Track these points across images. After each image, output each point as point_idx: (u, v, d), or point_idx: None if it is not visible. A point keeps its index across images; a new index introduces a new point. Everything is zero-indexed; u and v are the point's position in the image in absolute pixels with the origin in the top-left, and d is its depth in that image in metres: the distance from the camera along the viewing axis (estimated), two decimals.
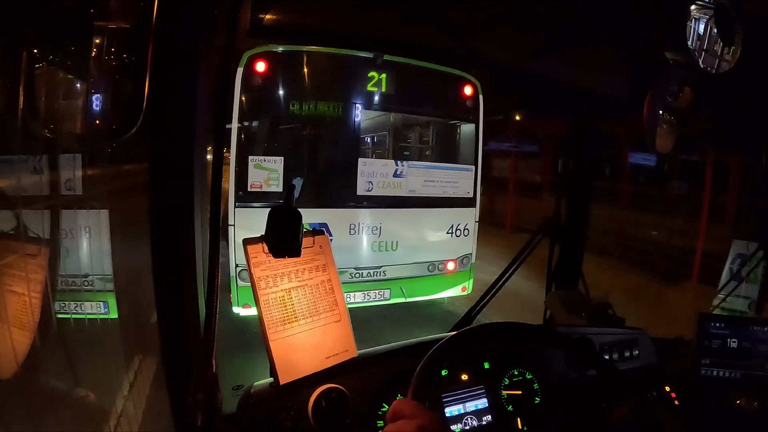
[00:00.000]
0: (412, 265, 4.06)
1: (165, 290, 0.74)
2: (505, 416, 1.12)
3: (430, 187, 4.03)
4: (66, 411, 0.90)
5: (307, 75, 3.54)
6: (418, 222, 4.06)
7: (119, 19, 0.75)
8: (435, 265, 4.13)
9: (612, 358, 1.27)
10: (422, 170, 3.99)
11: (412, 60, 3.64)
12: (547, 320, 1.62)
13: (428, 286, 4.20)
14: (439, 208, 4.09)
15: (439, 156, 4.34)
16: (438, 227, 4.13)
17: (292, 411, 0.92)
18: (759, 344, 1.25)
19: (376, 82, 3.66)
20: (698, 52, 0.95)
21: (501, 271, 1.48)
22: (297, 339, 0.95)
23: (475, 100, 4.13)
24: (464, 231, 4.21)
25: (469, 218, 4.21)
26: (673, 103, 1.08)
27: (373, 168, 3.80)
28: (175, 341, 0.76)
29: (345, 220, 3.76)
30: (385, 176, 3.84)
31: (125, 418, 1.05)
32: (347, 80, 3.66)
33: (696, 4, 0.94)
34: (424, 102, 4.04)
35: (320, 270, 1.01)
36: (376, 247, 3.99)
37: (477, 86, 4.11)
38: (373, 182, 3.81)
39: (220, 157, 0.80)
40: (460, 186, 4.15)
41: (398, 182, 3.89)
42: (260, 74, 3.31)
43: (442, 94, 4.09)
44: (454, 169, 4.17)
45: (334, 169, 3.75)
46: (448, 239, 4.14)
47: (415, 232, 4.07)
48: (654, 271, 6.75)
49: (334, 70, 3.67)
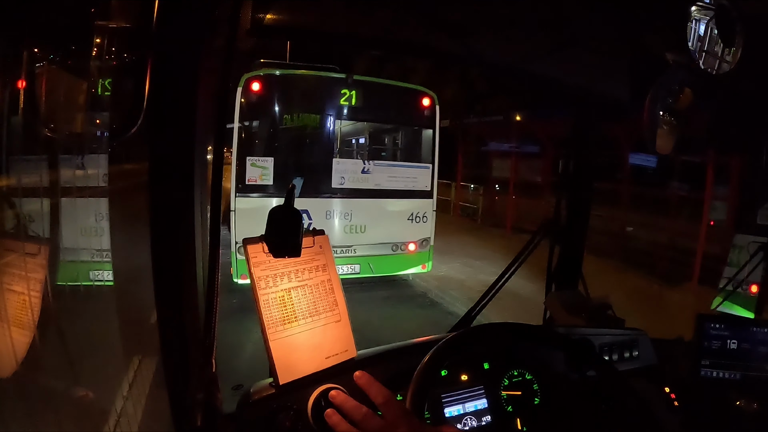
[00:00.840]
0: (379, 245, 5.10)
1: (165, 290, 0.74)
2: (505, 417, 1.12)
3: (393, 181, 5.11)
4: (65, 410, 0.90)
5: (292, 93, 4.70)
6: (383, 210, 5.10)
7: (120, 18, 0.75)
8: (398, 246, 5.20)
9: (612, 359, 1.27)
10: (386, 168, 5.10)
11: (377, 79, 5.10)
12: (547, 321, 1.62)
13: (393, 263, 5.25)
14: (401, 199, 5.16)
15: (401, 156, 5.48)
16: (400, 214, 5.18)
17: (291, 411, 0.92)
18: (759, 345, 1.25)
19: (348, 97, 4.76)
20: (699, 53, 0.95)
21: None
22: (297, 339, 0.95)
23: (432, 110, 5.19)
24: (423, 218, 5.29)
25: (427, 207, 5.30)
26: (673, 104, 1.08)
27: (345, 166, 4.91)
28: (175, 341, 0.76)
29: (322, 207, 4.79)
30: (355, 173, 4.94)
31: (125, 418, 1.05)
32: (324, 96, 4.77)
33: (696, 5, 0.94)
34: (388, 112, 5.19)
35: (320, 270, 1.01)
36: (348, 229, 4.97)
37: (434, 98, 5.19)
38: (345, 177, 4.89)
39: (220, 156, 0.80)
40: (419, 181, 5.24)
41: (366, 177, 4.97)
42: (255, 93, 4.43)
43: (404, 106, 5.19)
44: (414, 167, 5.26)
45: (314, 166, 4.81)
46: (409, 225, 5.21)
47: (381, 218, 5.09)
48: (655, 272, 6.78)
49: (314, 88, 4.81)
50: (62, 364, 0.94)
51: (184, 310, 0.76)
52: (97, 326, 1.12)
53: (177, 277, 0.75)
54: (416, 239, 5.23)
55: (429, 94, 5.20)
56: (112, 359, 1.12)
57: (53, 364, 0.92)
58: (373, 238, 5.06)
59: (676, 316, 4.13)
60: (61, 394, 0.93)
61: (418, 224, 5.22)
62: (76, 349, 0.94)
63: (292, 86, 4.79)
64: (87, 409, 0.97)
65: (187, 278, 0.75)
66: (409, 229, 5.19)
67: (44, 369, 0.90)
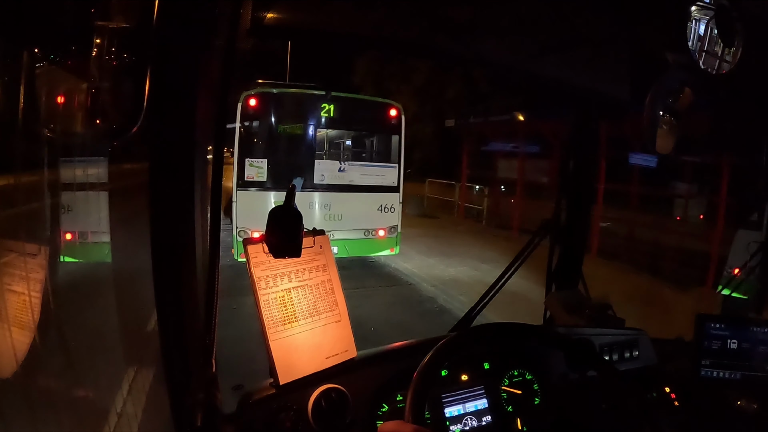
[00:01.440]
0: (353, 230, 6.07)
1: (165, 290, 0.74)
2: (505, 417, 1.12)
3: (365, 178, 6.12)
4: (65, 410, 0.90)
5: (281, 107, 5.87)
6: (356, 202, 6.09)
7: (120, 18, 0.75)
8: (369, 232, 6.16)
9: (612, 359, 1.27)
10: (359, 167, 6.13)
11: (351, 94, 6.44)
12: (547, 321, 1.62)
13: (366, 246, 6.23)
14: (372, 193, 6.17)
15: (372, 158, 6.55)
16: (371, 205, 6.16)
17: (291, 411, 0.92)
18: (759, 345, 1.25)
19: (327, 110, 5.85)
20: (699, 53, 0.95)
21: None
22: (297, 339, 0.95)
23: (398, 119, 6.22)
24: (391, 209, 6.26)
25: (394, 200, 6.28)
26: (673, 103, 1.08)
27: (324, 166, 5.98)
28: (175, 341, 0.76)
29: (306, 199, 5.74)
30: (333, 171, 5.98)
31: (125, 418, 1.05)
32: (308, 109, 5.87)
33: (696, 5, 0.94)
34: (361, 121, 6.32)
35: (320, 270, 1.01)
36: (327, 217, 5.95)
37: (400, 109, 6.27)
38: (324, 175, 5.95)
39: (220, 156, 0.80)
40: (387, 178, 6.23)
41: (342, 175, 6.00)
42: (251, 107, 5.56)
43: (374, 116, 6.26)
44: (383, 167, 6.28)
45: (299, 166, 5.85)
46: (379, 214, 6.19)
47: (355, 208, 6.08)
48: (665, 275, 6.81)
49: (300, 103, 5.96)
50: (62, 364, 0.94)
51: (184, 311, 0.76)
52: (98, 326, 1.12)
53: (177, 277, 0.75)
54: (385, 226, 6.24)
55: (396, 106, 6.30)
56: (112, 359, 1.12)
57: (53, 364, 0.92)
58: (349, 225, 6.02)
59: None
60: (61, 394, 0.93)
61: (387, 214, 6.23)
62: (76, 350, 0.94)
63: (281, 101, 5.95)
64: (87, 409, 0.97)
65: (187, 278, 0.75)
66: (379, 218, 6.18)
67: (44, 369, 0.90)
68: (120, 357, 1.15)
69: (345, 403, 0.96)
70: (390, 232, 6.23)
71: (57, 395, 0.91)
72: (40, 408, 0.84)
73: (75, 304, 1.08)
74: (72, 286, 1.12)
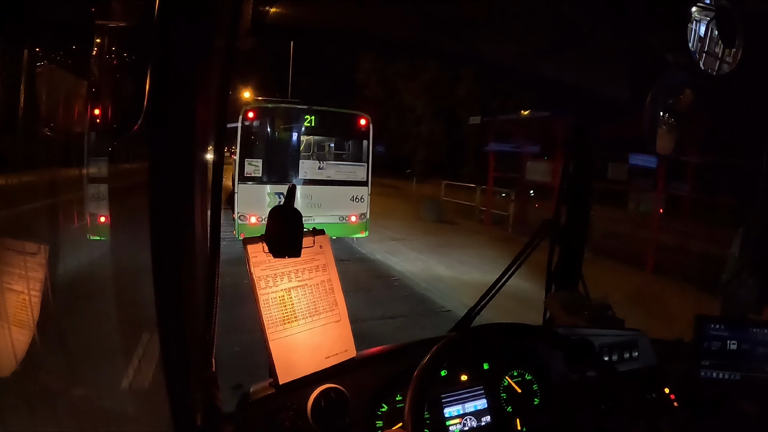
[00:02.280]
0: (330, 216, 7.49)
1: (164, 289, 0.74)
2: (505, 417, 1.12)
3: (340, 174, 7.67)
4: (65, 410, 0.90)
5: (273, 118, 7.51)
6: (333, 193, 7.61)
7: (120, 17, 0.75)
8: (344, 217, 7.67)
9: (611, 360, 1.27)
10: (335, 165, 7.69)
11: (328, 108, 8.04)
12: (547, 321, 1.62)
13: (341, 229, 7.68)
14: (346, 186, 7.69)
15: (346, 158, 7.90)
16: (345, 196, 7.68)
17: (291, 411, 0.92)
18: (759, 346, 1.25)
19: (309, 120, 7.51)
20: (699, 54, 0.95)
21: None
22: (296, 339, 0.95)
23: (367, 127, 7.80)
24: (361, 199, 7.75)
25: (364, 192, 7.79)
26: (674, 104, 1.08)
27: (307, 164, 7.53)
28: (175, 340, 0.76)
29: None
30: (314, 169, 7.55)
31: (125, 418, 1.04)
32: (294, 120, 7.56)
33: (697, 6, 0.94)
34: (336, 129, 7.87)
35: (320, 270, 1.01)
36: (309, 205, 7.29)
37: (368, 119, 7.84)
38: (307, 171, 7.50)
39: (220, 156, 0.80)
40: (357, 174, 7.78)
41: (321, 172, 7.57)
42: (250, 118, 7.16)
43: (347, 125, 7.88)
44: (354, 165, 7.81)
45: (287, 165, 7.46)
46: (351, 203, 7.72)
47: (332, 198, 7.59)
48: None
49: (288, 115, 7.69)
50: (62, 363, 0.94)
51: (184, 310, 0.76)
52: (97, 326, 1.12)
53: (177, 276, 0.75)
54: (357, 213, 7.74)
55: (365, 116, 7.85)
56: (111, 358, 1.12)
57: (53, 363, 0.92)
58: (327, 212, 7.46)
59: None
60: (60, 394, 0.93)
61: (358, 203, 7.74)
62: (75, 349, 0.94)
63: (273, 114, 7.66)
64: (87, 409, 0.97)
65: (187, 278, 0.75)
66: (351, 206, 7.69)
67: (44, 368, 0.90)
68: (119, 356, 1.15)
69: (344, 402, 0.96)
70: (360, 218, 7.79)
71: (56, 394, 0.91)
72: (39, 407, 0.84)
73: (74, 303, 1.08)
74: (72, 286, 1.12)
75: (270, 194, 7.12)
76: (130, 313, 1.09)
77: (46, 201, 1.01)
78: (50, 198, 1.02)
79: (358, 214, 7.73)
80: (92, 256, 1.24)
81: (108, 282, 1.14)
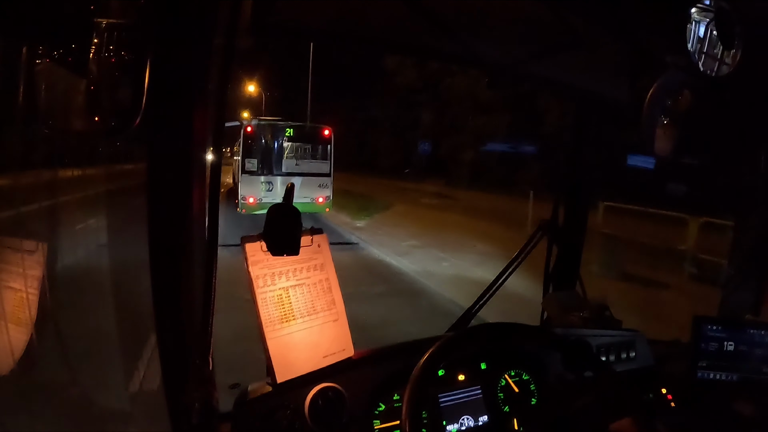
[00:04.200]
0: (304, 197, 10.18)
1: (162, 288, 0.74)
2: (502, 417, 1.12)
3: (311, 168, 10.63)
4: (64, 409, 0.90)
5: (266, 131, 10.56)
6: (306, 182, 10.39)
7: (120, 15, 0.75)
8: (313, 199, 10.52)
9: (608, 360, 1.27)
10: (307, 162, 10.64)
11: (303, 123, 11.93)
12: (544, 321, 1.62)
13: (311, 207, 10.41)
14: (315, 177, 10.59)
15: (315, 157, 10.72)
16: (314, 184, 10.58)
17: (288, 410, 0.92)
18: (756, 347, 1.25)
19: (290, 132, 10.58)
20: (698, 55, 0.95)
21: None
22: (294, 338, 0.95)
23: (330, 136, 10.79)
24: (326, 186, 10.73)
25: (327, 181, 10.75)
26: (672, 106, 1.08)
27: (289, 162, 10.48)
28: (172, 339, 0.76)
29: (277, 180, 10.23)
30: (293, 164, 10.50)
31: (122, 417, 1.04)
32: (279, 132, 10.55)
33: (696, 7, 0.94)
34: (308, 138, 10.71)
35: (318, 269, 1.01)
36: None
37: (331, 129, 10.86)
38: (288, 166, 10.45)
39: (219, 154, 0.80)
40: (323, 168, 10.74)
41: (297, 167, 10.48)
42: (249, 132, 10.25)
43: (316, 134, 10.84)
44: (321, 162, 10.75)
45: (275, 162, 10.40)
46: (319, 189, 10.62)
47: (306, 185, 10.35)
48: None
49: (275, 128, 10.71)
50: (60, 362, 0.94)
51: (182, 309, 0.76)
52: (95, 325, 1.12)
53: (174, 275, 0.75)
54: (323, 195, 10.68)
55: (328, 128, 10.86)
56: (109, 358, 1.12)
57: (51, 362, 0.92)
58: (302, 195, 10.12)
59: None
60: (58, 393, 0.93)
61: (323, 188, 10.68)
62: (73, 348, 0.94)
63: (266, 128, 10.64)
64: (82, 407, 0.97)
65: (185, 277, 0.75)
66: (318, 191, 10.61)
67: (42, 367, 0.90)
68: (117, 355, 1.15)
69: (342, 402, 0.96)
70: (326, 200, 10.74)
71: (53, 392, 0.91)
72: (36, 405, 0.84)
73: (73, 302, 1.08)
74: (71, 285, 1.12)
75: (263, 183, 10.11)
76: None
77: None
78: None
79: (324, 196, 10.70)
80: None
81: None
